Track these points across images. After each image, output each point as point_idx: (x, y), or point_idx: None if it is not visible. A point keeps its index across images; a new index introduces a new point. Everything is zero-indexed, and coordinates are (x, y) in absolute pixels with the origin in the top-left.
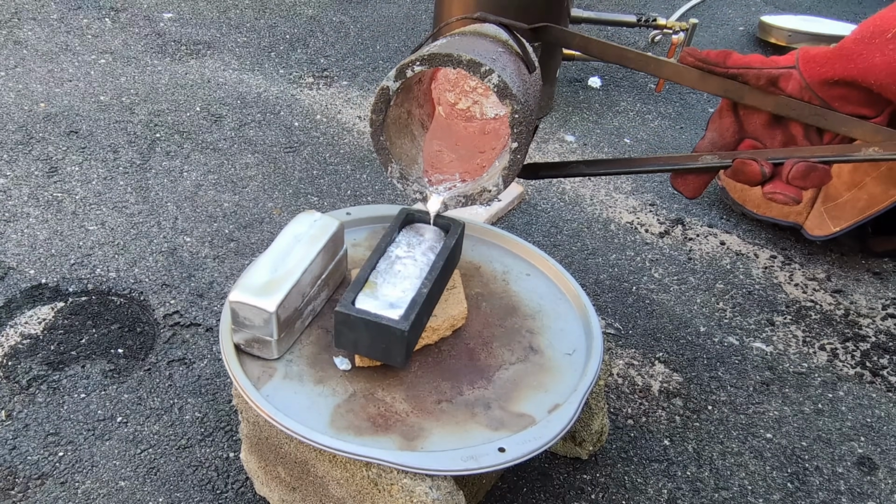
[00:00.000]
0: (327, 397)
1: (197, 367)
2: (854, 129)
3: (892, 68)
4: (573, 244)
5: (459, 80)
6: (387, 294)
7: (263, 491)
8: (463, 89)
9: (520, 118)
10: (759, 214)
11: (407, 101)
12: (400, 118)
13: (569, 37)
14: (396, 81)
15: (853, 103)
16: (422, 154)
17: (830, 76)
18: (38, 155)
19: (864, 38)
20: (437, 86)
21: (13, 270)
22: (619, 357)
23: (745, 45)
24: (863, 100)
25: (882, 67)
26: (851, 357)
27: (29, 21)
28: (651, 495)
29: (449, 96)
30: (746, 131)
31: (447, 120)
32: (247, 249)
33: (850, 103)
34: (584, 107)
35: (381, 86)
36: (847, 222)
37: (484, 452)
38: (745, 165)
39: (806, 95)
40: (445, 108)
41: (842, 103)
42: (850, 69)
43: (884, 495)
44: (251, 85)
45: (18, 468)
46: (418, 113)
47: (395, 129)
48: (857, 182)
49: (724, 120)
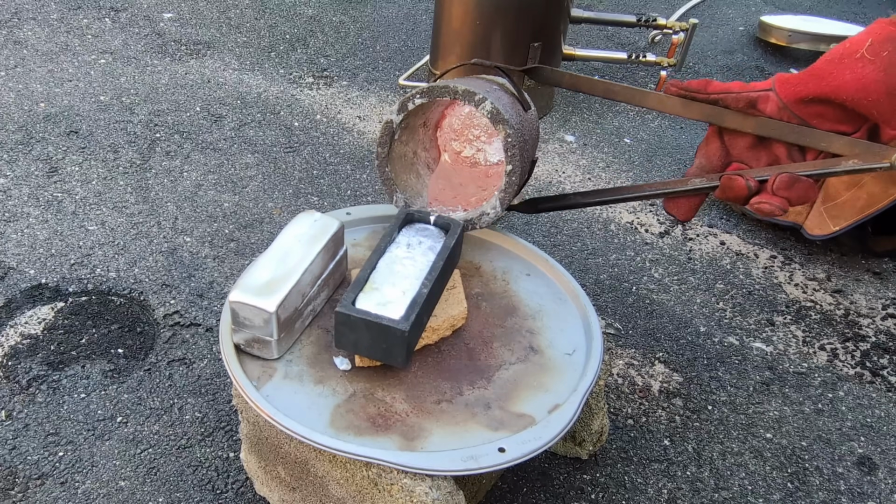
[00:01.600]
0: (327, 397)
1: (197, 367)
2: (833, 143)
3: (860, 84)
4: (573, 244)
5: (464, 130)
6: (387, 294)
7: (263, 491)
8: (467, 138)
9: (513, 142)
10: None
11: (412, 142)
12: (405, 156)
13: (559, 76)
14: (399, 115)
15: (830, 120)
16: (426, 189)
17: (805, 94)
18: (38, 155)
19: (834, 59)
20: (443, 135)
21: (13, 270)
22: (619, 357)
23: (745, 45)
24: (839, 117)
25: (852, 84)
26: (851, 357)
27: (29, 21)
28: (651, 495)
29: (454, 145)
30: (732, 155)
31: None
32: (247, 249)
33: (827, 120)
34: (584, 107)
35: (385, 120)
36: (847, 221)
37: (484, 452)
38: (732, 181)
39: (784, 115)
40: (451, 155)
41: (819, 121)
42: (822, 87)
43: (884, 495)
44: (251, 85)
45: (18, 468)
46: (424, 156)
47: (401, 165)
48: (857, 181)
49: (710, 146)
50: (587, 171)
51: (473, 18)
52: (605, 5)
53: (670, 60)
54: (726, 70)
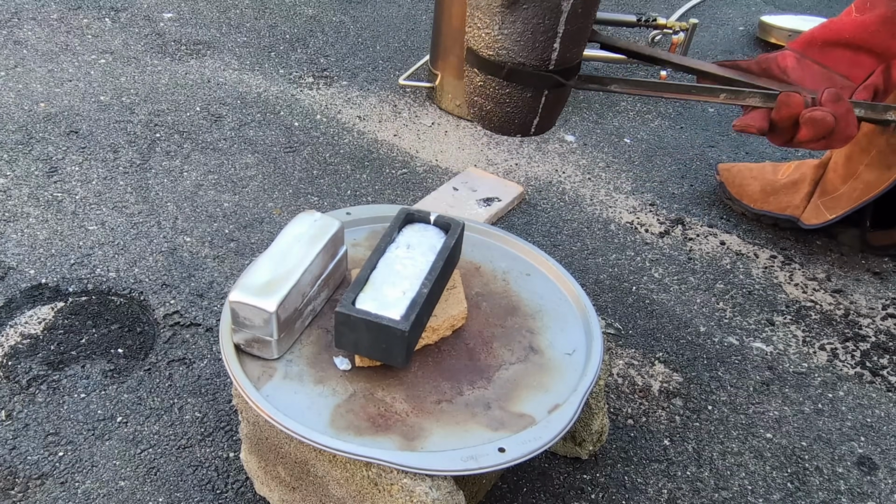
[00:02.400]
0: (327, 397)
1: (197, 367)
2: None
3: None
4: (573, 244)
5: None
6: (387, 294)
7: (263, 491)
8: None
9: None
10: (755, 209)
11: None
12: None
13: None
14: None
15: (844, 63)
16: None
17: (813, 39)
18: (38, 155)
19: (831, 19)
20: None
21: (13, 270)
22: (619, 357)
23: (745, 45)
24: (850, 59)
25: (850, 24)
26: (851, 357)
27: (29, 21)
28: (651, 495)
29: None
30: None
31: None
32: (247, 249)
33: (841, 63)
34: (584, 107)
35: None
36: (843, 210)
37: (484, 452)
38: (790, 97)
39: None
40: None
41: (835, 63)
42: (825, 33)
43: (884, 495)
44: (251, 85)
45: (18, 468)
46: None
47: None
48: (853, 173)
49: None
50: (587, 171)
51: None
52: (605, 5)
53: None
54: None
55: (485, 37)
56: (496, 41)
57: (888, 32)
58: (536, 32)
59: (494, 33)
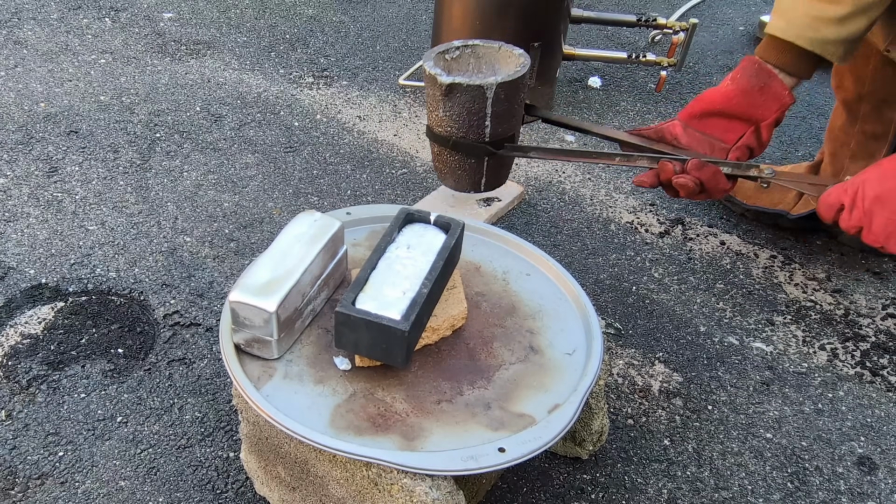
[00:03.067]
0: (327, 397)
1: (197, 367)
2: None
3: (724, 95)
4: (573, 244)
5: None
6: (387, 294)
7: (263, 491)
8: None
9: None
10: (747, 204)
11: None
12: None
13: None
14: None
15: (719, 129)
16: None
17: (693, 111)
18: (38, 155)
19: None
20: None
21: (13, 270)
22: (619, 357)
23: (745, 45)
24: (724, 125)
25: (719, 96)
26: (851, 357)
27: (29, 21)
28: (651, 495)
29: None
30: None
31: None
32: (247, 249)
33: (717, 129)
34: (584, 107)
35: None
36: None
37: (484, 452)
38: (664, 164)
39: (688, 133)
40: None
41: (712, 129)
42: (701, 105)
43: (884, 495)
44: (251, 85)
45: (18, 468)
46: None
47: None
48: (840, 168)
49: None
50: (587, 171)
51: (473, 18)
52: (605, 5)
53: (670, 60)
54: (726, 70)
55: (434, 117)
56: (443, 120)
57: (748, 103)
58: (471, 114)
59: (441, 114)
